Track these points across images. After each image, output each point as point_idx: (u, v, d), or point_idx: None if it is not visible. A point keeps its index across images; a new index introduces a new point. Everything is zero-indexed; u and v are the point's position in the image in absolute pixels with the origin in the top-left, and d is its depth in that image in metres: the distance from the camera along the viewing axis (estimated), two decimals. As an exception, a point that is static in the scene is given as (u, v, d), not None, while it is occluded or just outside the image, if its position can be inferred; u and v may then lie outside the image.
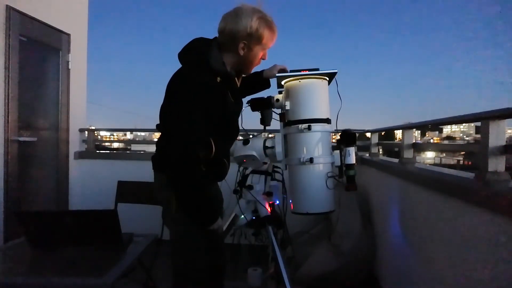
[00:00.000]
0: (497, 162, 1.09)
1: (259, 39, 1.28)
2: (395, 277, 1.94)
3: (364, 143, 3.10)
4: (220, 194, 1.53)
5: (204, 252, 1.35)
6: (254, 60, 1.35)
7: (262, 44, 1.30)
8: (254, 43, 1.28)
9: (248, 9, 1.26)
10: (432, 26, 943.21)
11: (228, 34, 1.27)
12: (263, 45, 1.31)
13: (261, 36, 1.27)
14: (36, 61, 3.01)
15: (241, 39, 1.26)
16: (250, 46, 1.29)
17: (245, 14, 1.25)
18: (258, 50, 1.32)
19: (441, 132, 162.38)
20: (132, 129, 6.04)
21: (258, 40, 1.28)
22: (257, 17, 1.26)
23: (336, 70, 1.39)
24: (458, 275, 1.19)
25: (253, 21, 1.25)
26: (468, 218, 1.14)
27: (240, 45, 1.28)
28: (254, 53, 1.31)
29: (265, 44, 1.31)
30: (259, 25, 1.26)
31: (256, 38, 1.27)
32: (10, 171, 2.67)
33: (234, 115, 1.41)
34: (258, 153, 1.55)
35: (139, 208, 2.25)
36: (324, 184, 1.38)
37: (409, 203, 1.74)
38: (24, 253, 1.59)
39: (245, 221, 1.66)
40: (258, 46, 1.30)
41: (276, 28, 1.33)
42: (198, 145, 1.20)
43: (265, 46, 1.32)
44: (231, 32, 1.26)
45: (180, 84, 1.25)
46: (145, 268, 1.86)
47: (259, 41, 1.29)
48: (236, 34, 1.25)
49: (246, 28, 1.24)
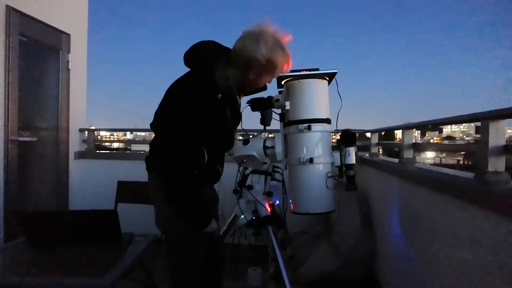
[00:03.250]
0: (497, 162, 1.09)
1: (273, 70, 1.27)
2: (395, 277, 1.94)
3: (364, 143, 3.10)
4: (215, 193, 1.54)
5: (199, 253, 1.34)
6: (260, 84, 1.35)
7: (273, 74, 1.31)
8: (266, 72, 1.28)
9: (269, 37, 1.23)
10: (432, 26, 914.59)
11: (244, 57, 1.24)
12: (274, 74, 1.31)
13: (275, 67, 1.27)
14: (36, 61, 3.01)
15: (255, 67, 1.25)
16: (261, 74, 1.29)
17: (266, 43, 1.22)
18: (267, 77, 1.32)
19: (441, 132, 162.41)
20: (132, 129, 6.05)
21: (271, 71, 1.28)
22: (277, 49, 1.23)
23: (336, 70, 1.39)
24: (458, 274, 1.19)
25: (272, 52, 1.23)
26: (468, 218, 1.14)
27: (252, 71, 1.27)
28: (263, 80, 1.32)
29: (276, 73, 1.30)
30: (277, 57, 1.24)
31: (270, 69, 1.27)
32: (10, 171, 2.67)
33: (231, 129, 1.42)
34: (258, 153, 1.55)
35: (139, 208, 2.25)
36: (324, 184, 1.38)
37: (409, 203, 1.74)
38: (24, 253, 1.59)
39: (245, 221, 1.66)
40: (269, 74, 1.30)
41: (290, 58, 1.30)
42: (191, 151, 1.21)
43: (275, 75, 1.32)
44: (248, 56, 1.23)
45: (183, 92, 1.25)
46: (145, 268, 1.86)
47: (272, 72, 1.29)
48: (252, 60, 1.23)
49: (263, 58, 1.22)
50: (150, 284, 1.94)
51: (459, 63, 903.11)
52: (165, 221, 1.34)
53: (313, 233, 2.73)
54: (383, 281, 2.17)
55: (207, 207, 1.40)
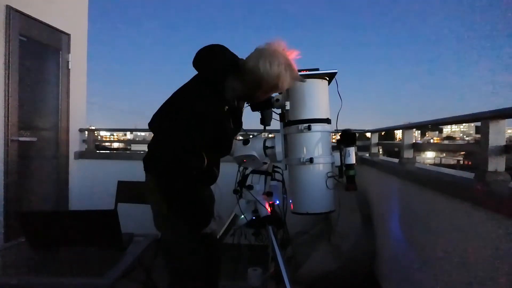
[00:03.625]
0: (497, 162, 1.09)
1: (281, 88, 1.29)
2: (395, 277, 1.94)
3: (364, 143, 3.10)
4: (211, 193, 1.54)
5: (197, 253, 1.34)
6: (263, 98, 1.37)
7: (280, 90, 1.32)
8: (274, 90, 1.30)
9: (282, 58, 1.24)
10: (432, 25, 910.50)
11: (256, 76, 1.24)
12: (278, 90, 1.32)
13: (282, 88, 1.29)
14: (36, 61, 3.01)
15: (266, 87, 1.27)
16: (268, 92, 1.31)
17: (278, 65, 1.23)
18: (273, 92, 1.34)
19: (441, 132, 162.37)
20: (132, 129, 6.04)
21: (279, 89, 1.30)
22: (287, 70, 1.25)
23: (336, 70, 1.39)
24: (458, 274, 1.19)
25: (283, 74, 1.24)
26: (468, 218, 1.14)
27: (262, 90, 1.28)
28: (268, 95, 1.35)
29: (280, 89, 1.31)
30: (286, 78, 1.25)
31: (279, 88, 1.28)
32: (10, 171, 2.67)
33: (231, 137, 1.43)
34: (258, 153, 1.55)
35: (139, 208, 2.24)
36: (324, 184, 1.38)
37: (409, 203, 1.74)
38: (24, 253, 1.59)
39: (245, 221, 1.66)
40: (276, 91, 1.33)
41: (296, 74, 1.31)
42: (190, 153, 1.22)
43: (279, 91, 1.34)
44: (259, 77, 1.24)
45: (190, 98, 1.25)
46: (145, 268, 1.86)
47: (279, 89, 1.30)
48: (263, 81, 1.25)
49: (273, 81, 1.24)
50: (150, 284, 1.94)
51: (460, 63, 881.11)
52: (163, 221, 1.34)
53: (313, 233, 2.73)
54: (383, 281, 2.17)
55: (206, 207, 1.40)
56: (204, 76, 1.28)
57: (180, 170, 1.21)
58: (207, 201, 1.48)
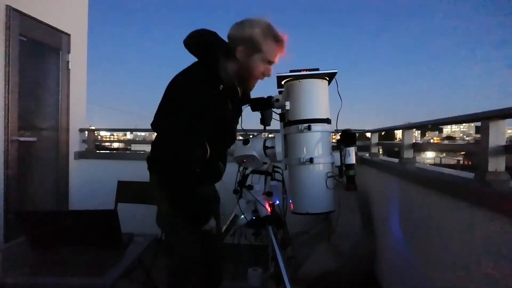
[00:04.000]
0: (497, 162, 1.09)
1: (258, 46, 1.26)
2: (395, 277, 1.94)
3: (364, 143, 3.10)
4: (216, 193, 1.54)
5: (198, 252, 1.34)
6: (254, 70, 1.32)
7: (262, 53, 1.28)
8: (252, 50, 1.27)
9: (256, 19, 1.26)
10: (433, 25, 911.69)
11: (231, 40, 1.27)
12: (263, 55, 1.28)
13: (260, 44, 1.26)
14: (36, 61, 3.01)
15: (242, 43, 1.26)
16: (248, 53, 1.28)
17: (251, 23, 1.26)
18: (258, 60, 1.29)
19: (441, 132, 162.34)
20: (132, 129, 6.05)
21: (257, 48, 1.27)
22: (262, 26, 1.25)
23: (336, 70, 1.39)
24: (458, 274, 1.19)
25: (256, 28, 1.25)
26: (468, 218, 1.14)
27: (239, 48, 1.27)
28: (253, 62, 1.29)
29: (265, 54, 1.28)
30: (261, 33, 1.25)
31: (255, 45, 1.26)
32: (10, 171, 2.67)
33: (232, 123, 1.41)
34: (258, 153, 1.55)
35: (139, 208, 2.25)
36: (324, 184, 1.37)
37: (409, 203, 1.74)
38: (24, 253, 1.59)
39: (245, 221, 1.66)
40: (257, 54, 1.28)
41: (282, 42, 1.29)
42: (193, 147, 1.21)
43: (266, 57, 1.30)
44: (234, 37, 1.27)
45: (184, 85, 1.25)
46: (145, 268, 1.86)
47: (258, 49, 1.27)
48: (237, 39, 1.26)
49: (247, 34, 1.25)
50: (150, 284, 1.94)
51: (460, 63, 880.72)
52: (165, 220, 1.34)
53: (313, 233, 2.73)
54: (383, 281, 2.17)
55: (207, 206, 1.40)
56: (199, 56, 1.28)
57: (182, 164, 1.19)
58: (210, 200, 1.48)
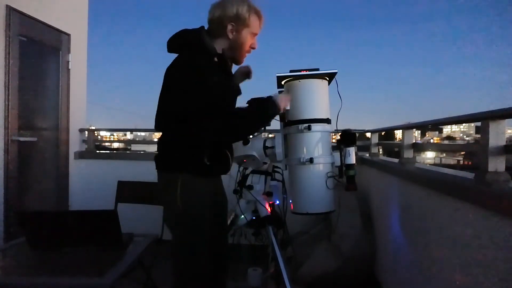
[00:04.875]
0: (497, 162, 1.09)
1: (246, 21, 1.32)
2: (395, 277, 1.94)
3: (364, 143, 3.10)
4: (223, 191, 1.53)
5: (206, 254, 1.34)
6: (244, 45, 1.36)
7: (250, 28, 1.34)
8: (241, 25, 1.32)
9: None
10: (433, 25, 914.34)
11: (217, 20, 1.32)
12: (250, 29, 1.34)
13: (247, 19, 1.32)
14: (36, 61, 3.01)
15: (229, 21, 1.31)
16: (238, 29, 1.33)
17: (232, 1, 1.31)
18: (246, 35, 1.35)
19: (441, 132, 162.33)
20: (132, 129, 6.04)
21: (245, 23, 1.32)
22: (245, 2, 1.32)
23: (336, 70, 1.39)
24: (458, 275, 1.19)
25: (241, 5, 1.31)
26: (467, 218, 1.14)
27: (229, 27, 1.32)
28: (243, 37, 1.34)
29: (251, 28, 1.34)
30: (247, 8, 1.31)
31: (243, 21, 1.32)
32: (10, 171, 2.67)
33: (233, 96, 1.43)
34: (258, 153, 1.55)
35: (139, 208, 2.25)
36: (324, 184, 1.38)
37: (409, 203, 1.74)
38: (24, 253, 1.59)
39: (245, 221, 1.66)
40: (246, 29, 1.34)
41: (262, 15, 1.37)
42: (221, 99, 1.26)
43: (252, 31, 1.35)
44: (219, 17, 1.31)
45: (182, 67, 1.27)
46: (145, 268, 1.86)
47: (246, 24, 1.33)
48: (224, 18, 1.31)
49: (233, 11, 1.30)
50: (150, 284, 1.94)
51: (460, 63, 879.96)
52: (175, 219, 1.33)
53: (313, 233, 2.73)
54: (383, 281, 2.17)
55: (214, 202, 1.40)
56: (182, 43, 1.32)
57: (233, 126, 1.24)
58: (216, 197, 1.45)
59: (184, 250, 1.33)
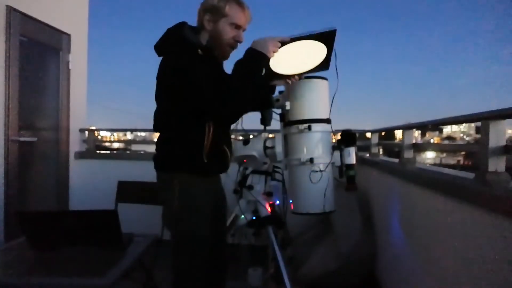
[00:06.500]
0: (497, 162, 1.09)
1: (222, 11, 1.28)
2: (395, 277, 1.94)
3: (364, 143, 3.09)
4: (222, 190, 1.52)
5: (204, 254, 1.34)
6: (223, 36, 1.31)
7: (227, 18, 1.29)
8: (218, 16, 1.29)
9: None
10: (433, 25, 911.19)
11: (198, 12, 1.33)
12: (229, 20, 1.29)
13: (223, 8, 1.28)
14: (36, 61, 3.01)
15: (205, 11, 1.30)
16: (215, 19, 1.30)
17: None
18: (224, 25, 1.30)
19: (441, 132, 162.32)
20: (132, 129, 6.01)
21: (221, 13, 1.29)
22: None
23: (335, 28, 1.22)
24: (458, 275, 1.19)
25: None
26: (468, 218, 1.14)
27: (205, 17, 1.31)
28: (220, 28, 1.30)
29: (230, 17, 1.29)
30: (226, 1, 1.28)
31: (219, 10, 1.28)
32: (10, 171, 2.67)
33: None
34: (258, 153, 1.56)
35: (139, 208, 2.25)
36: (324, 184, 1.37)
37: (409, 203, 1.74)
38: (24, 253, 1.59)
39: (245, 221, 1.66)
40: (223, 19, 1.29)
41: (246, 6, 1.32)
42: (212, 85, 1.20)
43: (232, 21, 1.30)
44: (199, 9, 1.32)
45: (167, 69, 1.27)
46: (145, 268, 1.86)
47: (222, 14, 1.29)
48: (202, 9, 1.31)
49: (210, 3, 1.29)
50: (150, 284, 1.94)
51: (460, 63, 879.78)
52: (173, 219, 1.33)
53: (313, 233, 2.73)
54: (383, 281, 2.17)
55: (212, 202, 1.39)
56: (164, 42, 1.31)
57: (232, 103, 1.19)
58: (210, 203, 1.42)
59: (181, 250, 1.33)
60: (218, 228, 1.47)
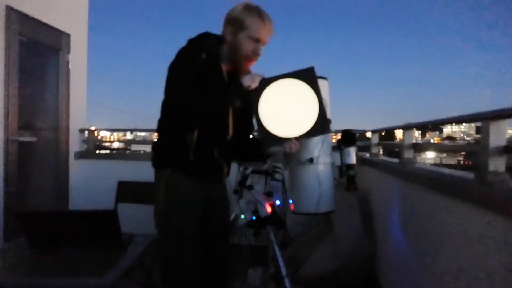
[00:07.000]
0: (498, 162, 1.09)
1: (241, 23, 1.27)
2: (395, 277, 1.94)
3: (364, 143, 3.09)
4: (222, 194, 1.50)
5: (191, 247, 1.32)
6: (242, 48, 1.29)
7: (247, 30, 1.27)
8: (237, 28, 1.28)
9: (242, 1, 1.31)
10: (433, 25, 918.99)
11: (223, 25, 1.33)
12: (248, 32, 1.27)
13: (243, 20, 1.27)
14: (36, 61, 3.01)
15: (227, 23, 1.31)
16: (234, 31, 1.29)
17: (237, 5, 1.31)
18: (244, 38, 1.28)
19: (442, 132, 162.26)
20: (132, 129, 6.03)
21: (240, 25, 1.27)
22: (244, 4, 1.29)
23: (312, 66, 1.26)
24: (458, 275, 1.19)
25: (239, 7, 1.29)
26: (468, 218, 1.14)
27: (227, 28, 1.31)
28: (240, 41, 1.28)
29: (250, 31, 1.27)
30: (243, 10, 1.29)
31: (238, 22, 1.28)
32: (10, 171, 2.67)
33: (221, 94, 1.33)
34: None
35: (139, 208, 2.24)
36: (325, 184, 1.37)
37: (409, 203, 1.74)
38: (24, 253, 1.59)
39: (245, 221, 1.66)
40: (242, 32, 1.28)
41: (269, 20, 1.30)
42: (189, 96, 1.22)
43: (251, 34, 1.28)
44: (223, 21, 1.32)
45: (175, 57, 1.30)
46: (145, 268, 1.86)
47: (242, 27, 1.27)
48: (225, 20, 1.32)
49: (232, 14, 1.30)
50: (150, 284, 1.94)
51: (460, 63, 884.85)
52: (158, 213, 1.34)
53: (313, 233, 2.73)
54: (384, 281, 2.17)
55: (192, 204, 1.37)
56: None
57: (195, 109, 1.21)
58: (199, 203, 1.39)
59: (165, 243, 1.34)
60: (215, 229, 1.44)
